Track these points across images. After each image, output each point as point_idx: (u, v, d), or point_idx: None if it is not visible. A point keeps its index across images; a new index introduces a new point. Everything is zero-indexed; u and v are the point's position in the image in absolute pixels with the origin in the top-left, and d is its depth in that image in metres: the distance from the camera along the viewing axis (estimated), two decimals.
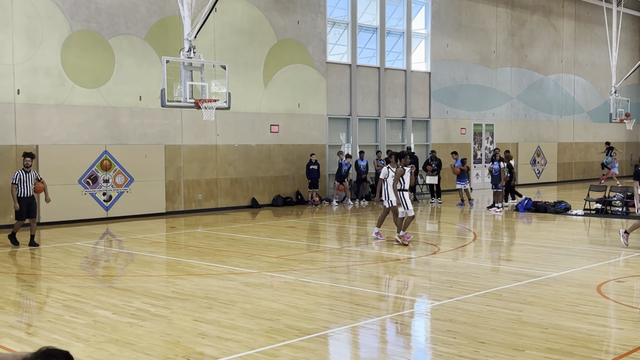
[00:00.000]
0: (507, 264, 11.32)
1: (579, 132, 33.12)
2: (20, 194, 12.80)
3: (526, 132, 30.23)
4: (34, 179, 12.95)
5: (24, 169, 12.83)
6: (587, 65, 33.32)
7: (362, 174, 22.15)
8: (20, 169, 12.96)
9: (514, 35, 29.25)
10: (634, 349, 6.28)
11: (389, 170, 13.23)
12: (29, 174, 12.88)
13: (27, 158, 12.80)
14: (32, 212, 13.07)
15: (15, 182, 12.79)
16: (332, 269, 10.80)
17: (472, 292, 8.74)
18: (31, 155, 12.93)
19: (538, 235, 14.98)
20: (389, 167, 13.30)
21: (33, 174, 12.99)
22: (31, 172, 12.95)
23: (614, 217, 17.36)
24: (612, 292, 8.88)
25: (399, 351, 6.60)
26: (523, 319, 7.45)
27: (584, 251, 12.41)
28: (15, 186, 12.79)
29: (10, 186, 13.01)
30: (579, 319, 7.43)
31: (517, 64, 29.53)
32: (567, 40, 32.09)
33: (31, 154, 12.95)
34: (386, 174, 13.25)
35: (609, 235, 14.67)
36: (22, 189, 12.80)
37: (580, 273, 10.09)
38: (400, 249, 12.54)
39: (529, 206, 18.99)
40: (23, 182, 12.79)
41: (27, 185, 12.83)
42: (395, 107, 24.85)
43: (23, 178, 12.80)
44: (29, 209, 12.96)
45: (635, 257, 11.48)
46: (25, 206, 12.87)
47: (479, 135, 28.00)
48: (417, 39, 25.90)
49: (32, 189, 12.91)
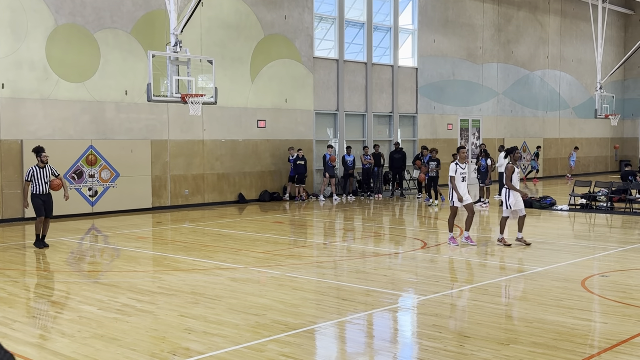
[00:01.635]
0: (492, 258, 11.38)
1: (564, 127, 33.34)
2: (35, 190, 12.04)
3: (512, 127, 30.38)
4: (50, 175, 12.17)
5: (38, 165, 12.07)
6: (573, 61, 33.52)
7: (349, 169, 22.16)
8: (34, 165, 12.17)
9: (500, 31, 29.36)
10: (617, 343, 6.34)
11: (457, 166, 12.05)
12: (44, 170, 12.09)
13: (42, 153, 12.08)
14: (48, 210, 12.24)
15: (28, 179, 12.02)
16: (318, 264, 10.81)
17: (458, 287, 8.78)
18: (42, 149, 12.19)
19: (523, 230, 15.04)
20: (457, 163, 12.11)
21: (49, 170, 12.17)
22: (47, 168, 12.14)
23: (599, 212, 17.50)
24: (597, 286, 8.95)
25: (385, 346, 6.62)
26: (508, 313, 7.50)
27: (568, 246, 12.50)
28: (29, 183, 12.03)
29: (23, 183, 12.12)
30: (564, 313, 7.48)
31: (504, 59, 29.64)
32: (552, 36, 32.26)
33: (42, 148, 12.21)
34: (454, 170, 12.02)
35: (593, 230, 14.79)
36: (37, 185, 12.01)
37: (565, 268, 10.16)
38: (388, 245, 12.55)
39: None
40: (38, 178, 12.01)
41: (43, 182, 12.04)
42: (382, 103, 24.88)
43: (37, 174, 12.02)
44: (45, 207, 12.16)
45: (619, 251, 11.58)
46: (41, 203, 12.07)
47: (465, 131, 28.10)
48: (404, 34, 25.93)
49: (48, 186, 12.13)
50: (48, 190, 12.18)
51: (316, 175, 22.60)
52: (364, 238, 14.02)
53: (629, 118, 36.69)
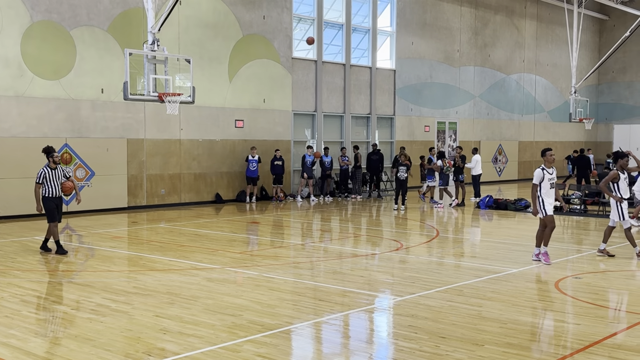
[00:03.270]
0: (468, 259, 11.47)
1: (539, 131, 33.72)
2: (47, 193, 11.29)
3: (488, 130, 30.66)
4: (62, 177, 11.47)
5: (49, 166, 11.32)
6: (548, 66, 33.92)
7: (327, 170, 22.19)
8: (44, 166, 11.38)
9: (477, 35, 29.62)
10: (590, 344, 6.43)
11: (544, 172, 10.53)
12: (56, 171, 11.37)
13: (54, 153, 11.38)
14: (59, 215, 11.57)
15: (39, 182, 11.26)
16: (295, 264, 10.81)
17: (433, 288, 8.84)
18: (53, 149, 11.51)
19: (499, 232, 15.22)
20: (543, 168, 10.57)
21: (60, 171, 11.46)
22: (58, 169, 11.43)
23: (573, 215, 17.73)
24: (570, 288, 9.07)
25: (361, 346, 6.65)
26: (483, 314, 7.57)
27: None
28: (40, 186, 11.28)
29: (34, 186, 11.37)
30: (537, 314, 7.57)
31: (480, 63, 29.91)
32: (529, 41, 32.62)
33: (53, 148, 11.54)
34: (541, 177, 10.50)
35: (567, 233, 14.98)
36: (49, 188, 11.28)
37: (539, 269, 10.28)
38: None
39: (490, 203, 19.27)
40: (50, 180, 11.27)
41: (55, 184, 11.34)
42: (360, 104, 24.96)
43: (50, 176, 11.28)
44: (58, 211, 11.46)
45: (592, 254, 11.74)
46: (54, 207, 11.37)
47: (442, 133, 28.29)
48: (382, 36, 26.04)
49: (60, 189, 11.43)
50: (60, 194, 11.50)
51: (294, 176, 22.59)
52: (341, 239, 14.05)
53: (602, 122, 37.24)
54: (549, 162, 10.55)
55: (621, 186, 11.10)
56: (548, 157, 10.57)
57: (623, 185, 11.08)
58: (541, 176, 10.42)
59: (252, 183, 20.50)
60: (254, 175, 20.39)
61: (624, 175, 11.02)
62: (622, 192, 11.08)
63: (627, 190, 11.12)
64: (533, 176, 10.67)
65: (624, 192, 11.07)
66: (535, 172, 10.60)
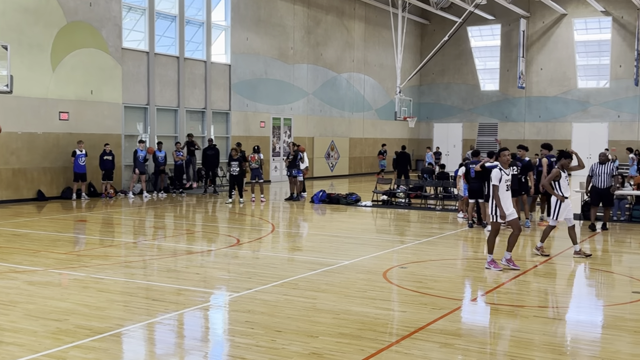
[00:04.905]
0: (302, 253, 11.71)
1: (368, 128, 35.30)
2: None
3: (321, 127, 31.55)
4: None
5: None
6: (376, 66, 35.59)
7: (160, 165, 21.57)
8: None
9: (310, 33, 30.32)
10: (415, 330, 6.83)
11: (502, 172, 10.05)
12: None
13: None
14: None
15: None
16: (127, 263, 10.37)
17: (270, 283, 8.91)
18: None
19: (331, 225, 15.71)
20: (501, 169, 10.10)
21: None
22: None
23: (398, 208, 18.75)
24: (396, 277, 9.58)
25: (196, 345, 6.53)
26: (317, 306, 7.75)
27: (372, 240, 13.24)
28: None
29: None
30: (367, 304, 7.90)
31: (313, 61, 30.66)
32: (358, 41, 33.98)
33: None
34: (499, 177, 10.01)
35: (393, 225, 15.82)
36: None
37: (369, 260, 10.75)
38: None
39: (324, 198, 19.84)
40: None
41: None
42: (195, 98, 24.54)
43: None
44: None
45: (416, 244, 12.50)
46: None
47: (277, 129, 28.64)
48: (217, 30, 25.79)
49: None
50: None
51: (125, 172, 21.69)
52: (175, 236, 13.72)
53: (424, 120, 39.80)
54: (505, 162, 10.18)
55: (562, 184, 11.12)
56: (503, 158, 10.21)
57: (564, 184, 11.13)
58: (499, 176, 10.00)
59: (80, 179, 19.39)
60: (82, 171, 19.30)
61: (565, 174, 11.14)
62: (562, 191, 11.13)
63: (568, 188, 11.22)
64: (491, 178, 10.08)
65: (565, 191, 11.13)
66: (493, 173, 10.08)
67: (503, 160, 10.18)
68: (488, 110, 38.07)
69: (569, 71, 35.68)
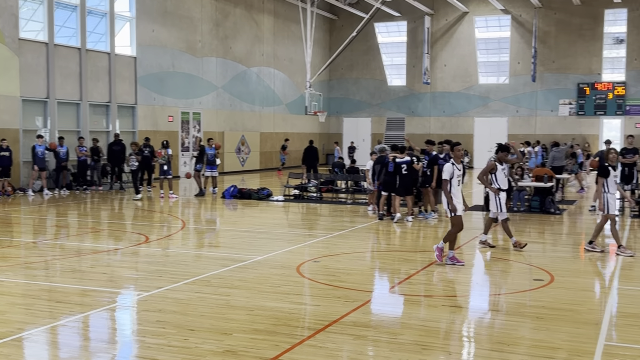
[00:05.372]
0: (215, 250, 11.55)
1: (278, 122, 35.26)
2: None
3: (231, 121, 31.22)
4: None
5: None
6: (286, 60, 35.58)
7: (62, 162, 20.68)
8: None
9: (218, 26, 29.91)
10: (329, 323, 6.87)
11: (454, 167, 9.93)
12: None
13: None
14: None
15: None
16: (27, 264, 9.87)
17: (181, 280, 8.73)
18: None
19: (243, 221, 15.58)
20: (453, 163, 9.96)
21: None
22: None
23: (310, 202, 18.85)
24: (309, 271, 9.61)
25: (103, 347, 6.29)
26: (231, 303, 7.66)
27: (284, 234, 13.24)
28: None
29: None
30: (281, 299, 7.88)
31: (222, 54, 30.28)
32: (267, 35, 33.85)
33: None
34: (451, 172, 9.87)
35: (305, 219, 15.87)
36: None
37: (282, 255, 10.73)
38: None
39: (235, 193, 19.65)
40: None
41: None
42: (98, 92, 23.67)
43: None
44: None
45: (328, 238, 12.59)
46: None
47: (186, 124, 28.10)
48: (121, 21, 24.97)
49: None
50: None
51: (23, 168, 20.64)
52: (79, 235, 13.19)
53: (334, 115, 40.18)
54: (458, 157, 10.03)
55: (499, 177, 11.18)
56: (457, 152, 10.08)
57: (501, 177, 11.18)
58: (451, 171, 9.85)
59: None
60: None
61: (502, 166, 11.21)
62: (500, 184, 11.17)
63: (505, 181, 11.31)
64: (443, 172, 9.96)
65: (502, 184, 11.19)
66: (445, 167, 9.93)
67: (457, 155, 10.04)
68: (395, 105, 38.89)
69: (470, 68, 36.99)
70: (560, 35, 34.90)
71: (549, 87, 35.31)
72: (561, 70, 35.01)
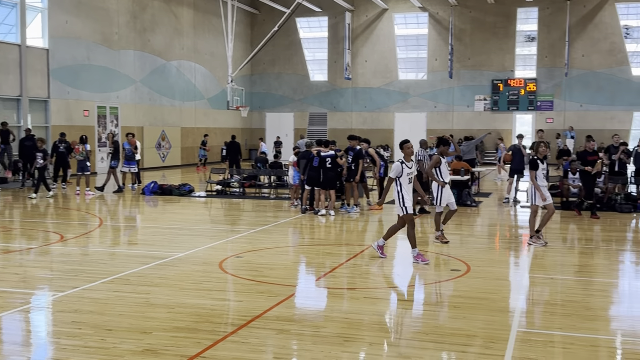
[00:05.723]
0: (134, 247, 11.28)
1: (200, 117, 34.75)
2: None
3: (151, 116, 30.53)
4: None
5: None
6: (206, 54, 35.09)
7: None
8: None
9: (136, 18, 29.15)
10: (252, 319, 6.84)
11: (403, 166, 9.76)
12: None
13: None
14: None
15: None
16: None
17: (98, 279, 8.48)
18: None
19: (164, 217, 15.28)
20: (402, 162, 9.79)
21: None
22: None
23: (233, 198, 18.69)
24: (232, 267, 9.54)
25: (16, 350, 6.03)
26: (151, 301, 7.51)
27: (207, 230, 13.07)
28: None
29: None
30: (203, 295, 7.79)
31: (140, 47, 29.53)
32: (187, 29, 33.27)
33: None
34: (399, 171, 9.76)
35: (228, 215, 15.74)
36: None
37: (204, 251, 10.60)
38: None
39: (155, 189, 19.24)
40: None
41: None
42: (8, 85, 22.61)
43: None
44: None
45: (251, 233, 12.53)
46: None
47: (103, 118, 27.26)
48: (32, 12, 23.93)
49: None
50: None
51: None
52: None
53: (256, 110, 39.97)
54: (408, 155, 9.88)
55: (443, 170, 11.31)
56: (406, 150, 9.90)
57: (444, 170, 11.33)
58: (399, 170, 9.69)
59: None
60: None
61: (444, 160, 11.34)
62: (443, 177, 11.32)
63: (448, 174, 11.46)
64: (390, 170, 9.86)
65: (445, 177, 11.34)
66: (393, 166, 9.79)
67: (407, 153, 9.89)
68: (318, 100, 39.09)
69: (390, 63, 37.61)
70: (475, 33, 36.00)
71: (465, 83, 36.37)
72: (476, 67, 36.12)
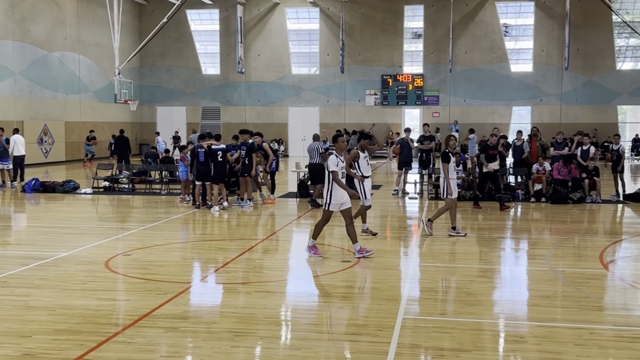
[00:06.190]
0: (13, 248, 10.68)
1: (86, 111, 33.37)
2: None
3: (32, 109, 28.98)
4: None
5: None
6: (92, 46, 33.72)
7: None
8: None
9: (14, 7, 27.55)
10: (140, 317, 6.66)
11: (338, 159, 9.52)
12: None
13: None
14: None
15: None
16: None
17: None
18: None
19: (47, 215, 14.58)
20: (337, 155, 9.56)
21: None
22: None
23: (122, 194, 18.10)
24: (120, 265, 9.23)
25: None
26: (30, 303, 7.14)
27: (93, 228, 12.57)
28: None
29: None
30: (88, 296, 7.50)
31: (20, 37, 27.95)
32: (70, 18, 31.81)
33: None
34: (336, 163, 9.48)
35: (116, 212, 15.22)
36: None
37: (90, 250, 10.20)
38: None
39: (37, 187, 18.30)
40: None
41: None
42: None
43: None
44: None
45: (141, 230, 12.18)
46: None
47: None
48: None
49: None
50: None
51: None
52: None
53: (146, 104, 38.90)
54: (341, 149, 9.71)
55: (362, 165, 11.27)
56: (340, 144, 9.75)
57: (364, 164, 11.28)
58: (336, 162, 9.50)
59: None
60: None
61: (364, 154, 11.30)
62: (362, 171, 11.25)
63: (368, 168, 11.39)
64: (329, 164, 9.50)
65: (365, 171, 11.28)
66: (329, 159, 9.53)
67: (340, 147, 9.75)
68: (210, 94, 38.56)
69: (283, 58, 37.70)
70: (365, 29, 36.74)
71: (356, 78, 37.06)
72: (366, 62, 36.90)
